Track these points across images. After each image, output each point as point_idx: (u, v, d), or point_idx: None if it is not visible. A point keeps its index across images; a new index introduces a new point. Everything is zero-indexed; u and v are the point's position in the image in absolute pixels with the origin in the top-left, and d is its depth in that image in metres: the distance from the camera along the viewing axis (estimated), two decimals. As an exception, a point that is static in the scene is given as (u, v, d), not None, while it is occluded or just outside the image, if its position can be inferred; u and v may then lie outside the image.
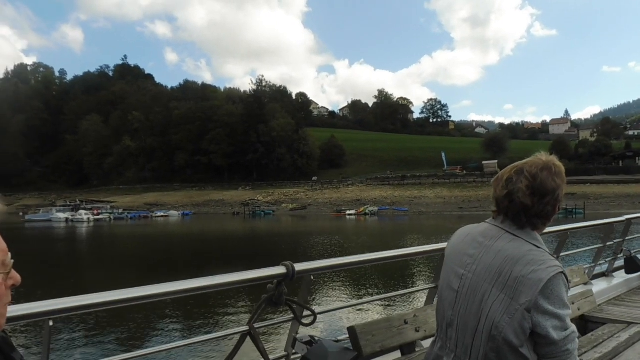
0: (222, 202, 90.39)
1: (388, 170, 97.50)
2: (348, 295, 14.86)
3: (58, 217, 68.77)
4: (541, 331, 1.51)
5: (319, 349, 2.04)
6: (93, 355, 9.88)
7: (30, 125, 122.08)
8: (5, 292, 0.89)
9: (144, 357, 1.96)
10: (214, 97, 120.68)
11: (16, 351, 1.03)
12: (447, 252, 1.84)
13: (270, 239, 36.13)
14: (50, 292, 14.34)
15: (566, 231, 4.26)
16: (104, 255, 31.18)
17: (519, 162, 1.70)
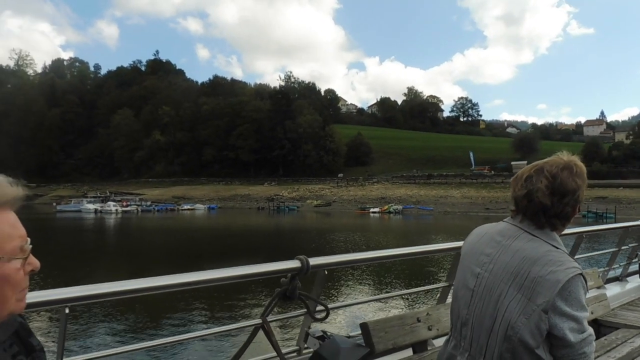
0: (247, 196, 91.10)
1: (414, 169, 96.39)
2: (361, 291, 14.81)
3: (87, 208, 70.65)
4: (558, 333, 1.50)
5: (331, 344, 2.01)
6: (108, 343, 10.07)
7: (65, 118, 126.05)
8: (23, 277, 0.91)
9: (158, 347, 1.84)
10: (242, 92, 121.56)
11: (33, 336, 1.05)
12: (464, 251, 1.83)
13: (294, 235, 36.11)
14: (67, 281, 14.57)
15: (581, 234, 4.16)
16: (126, 246, 31.73)
17: (540, 161, 1.68)
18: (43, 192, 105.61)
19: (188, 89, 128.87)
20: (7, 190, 0.89)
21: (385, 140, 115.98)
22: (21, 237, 0.91)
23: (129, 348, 2.17)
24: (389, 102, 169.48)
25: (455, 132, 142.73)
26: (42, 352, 1.05)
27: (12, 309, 0.90)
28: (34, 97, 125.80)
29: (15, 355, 0.98)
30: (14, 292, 0.89)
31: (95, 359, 1.88)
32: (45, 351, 1.07)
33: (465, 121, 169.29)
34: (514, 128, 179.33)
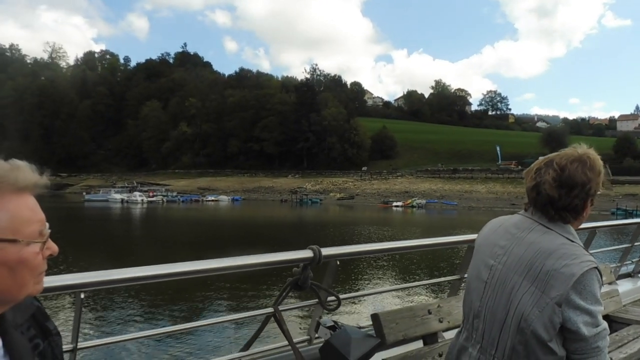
0: (271, 189, 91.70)
1: (439, 163, 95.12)
2: (372, 282, 14.76)
3: (114, 198, 72.29)
4: (571, 326, 1.50)
5: (342, 334, 2.00)
6: (121, 328, 10.20)
7: (95, 109, 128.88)
8: (42, 261, 0.92)
9: (171, 334, 1.86)
10: (267, 85, 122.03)
11: (50, 320, 1.07)
12: (478, 243, 1.83)
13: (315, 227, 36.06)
14: (85, 267, 14.80)
15: (594, 229, 4.10)
16: (147, 235, 32.21)
17: (553, 153, 1.67)
18: (74, 182, 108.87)
19: (214, 81, 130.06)
20: (28, 175, 0.90)
21: (410, 133, 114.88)
22: (40, 222, 0.93)
23: (142, 334, 2.31)
24: (416, 95, 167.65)
25: (483, 126, 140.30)
26: (58, 336, 1.08)
27: (30, 291, 0.92)
28: (66, 89, 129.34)
29: (32, 338, 1.00)
30: (33, 276, 0.91)
31: (110, 344, 1.92)
32: (61, 335, 1.09)
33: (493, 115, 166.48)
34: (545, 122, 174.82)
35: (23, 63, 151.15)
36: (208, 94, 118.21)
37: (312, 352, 2.22)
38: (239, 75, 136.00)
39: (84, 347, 1.77)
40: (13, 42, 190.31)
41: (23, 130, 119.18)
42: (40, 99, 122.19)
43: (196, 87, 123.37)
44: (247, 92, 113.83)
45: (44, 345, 1.02)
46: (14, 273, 0.87)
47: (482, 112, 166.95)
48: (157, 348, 8.60)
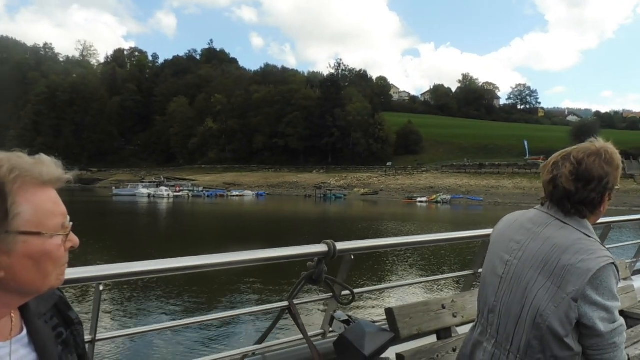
0: (295, 184, 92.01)
1: (465, 158, 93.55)
2: (386, 277, 14.74)
3: (142, 193, 73.48)
4: (587, 322, 1.49)
5: (356, 328, 2.03)
6: (139, 320, 10.35)
7: (124, 106, 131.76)
8: (64, 253, 0.95)
9: (187, 327, 1.86)
10: (292, 80, 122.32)
11: (72, 310, 1.10)
12: (493, 238, 1.83)
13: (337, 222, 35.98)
14: (103, 259, 15.13)
15: (609, 224, 4.02)
16: (170, 228, 32.75)
17: (571, 147, 1.66)
18: (104, 177, 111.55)
19: (240, 77, 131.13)
20: (51, 170, 0.92)
21: (436, 128, 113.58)
22: (62, 215, 0.95)
23: (159, 326, 2.33)
24: (443, 90, 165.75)
25: (512, 121, 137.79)
26: (80, 325, 1.11)
27: (53, 283, 0.95)
28: (96, 86, 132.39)
29: (55, 327, 1.03)
30: (56, 267, 0.93)
31: (128, 335, 1.95)
32: (82, 324, 1.12)
33: (523, 109, 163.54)
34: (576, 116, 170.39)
35: (56, 61, 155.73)
36: (234, 90, 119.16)
37: (327, 345, 2.23)
38: (264, 71, 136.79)
39: (103, 339, 1.79)
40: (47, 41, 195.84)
41: (55, 127, 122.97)
42: (71, 95, 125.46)
43: (222, 84, 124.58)
44: (272, 88, 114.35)
45: (66, 334, 1.05)
46: (38, 265, 0.90)
47: (510, 106, 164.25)
48: (173, 340, 8.71)
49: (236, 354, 2.16)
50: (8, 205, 0.85)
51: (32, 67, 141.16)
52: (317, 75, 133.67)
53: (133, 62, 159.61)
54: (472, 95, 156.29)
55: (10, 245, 0.86)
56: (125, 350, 8.05)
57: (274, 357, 2.24)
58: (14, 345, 0.93)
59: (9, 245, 0.86)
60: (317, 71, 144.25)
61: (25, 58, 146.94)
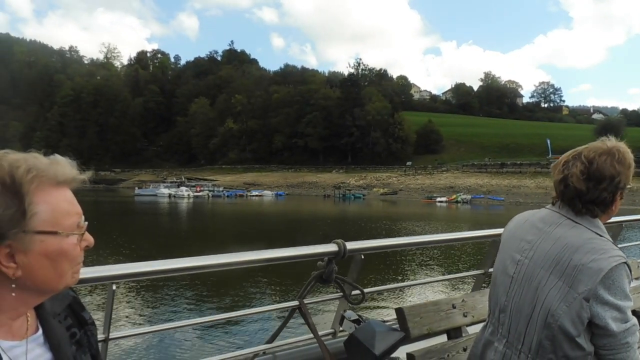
0: (315, 184, 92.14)
1: (487, 157, 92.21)
2: (396, 277, 14.68)
3: (162, 193, 74.48)
4: (599, 322, 1.48)
5: (366, 328, 2.03)
6: (152, 319, 10.45)
7: (147, 107, 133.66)
8: (80, 252, 0.96)
9: (198, 326, 1.87)
10: (312, 80, 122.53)
11: (86, 310, 1.11)
12: (504, 238, 1.83)
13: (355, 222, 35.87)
14: (117, 258, 15.37)
15: (620, 223, 3.96)
16: (187, 228, 33.12)
17: (582, 146, 1.66)
18: (127, 177, 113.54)
19: (260, 77, 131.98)
20: (67, 170, 0.93)
21: (457, 127, 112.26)
22: (78, 214, 0.96)
23: (170, 326, 2.38)
24: (464, 88, 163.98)
25: (535, 119, 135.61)
26: (94, 325, 1.12)
27: (68, 282, 0.96)
28: (119, 88, 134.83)
29: (69, 327, 1.05)
30: (71, 266, 0.95)
31: (140, 334, 1.97)
32: (96, 325, 1.13)
33: (546, 107, 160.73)
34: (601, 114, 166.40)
35: (81, 64, 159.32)
36: (253, 90, 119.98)
37: (337, 345, 2.22)
38: (284, 72, 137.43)
39: (116, 338, 1.80)
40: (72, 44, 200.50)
41: (80, 128, 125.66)
42: (95, 97, 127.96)
43: (242, 84, 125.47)
44: (292, 88, 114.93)
45: (80, 334, 1.07)
46: (54, 264, 0.91)
47: (533, 105, 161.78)
48: (184, 339, 8.79)
49: (247, 353, 2.16)
50: (26, 205, 0.86)
51: (58, 70, 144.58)
52: (337, 75, 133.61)
53: (155, 64, 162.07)
54: (494, 94, 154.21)
55: (27, 244, 0.87)
56: (138, 349, 8.13)
57: (284, 357, 2.25)
58: (29, 345, 0.95)
59: (27, 245, 0.87)
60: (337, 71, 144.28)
61: (52, 61, 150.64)
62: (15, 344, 0.92)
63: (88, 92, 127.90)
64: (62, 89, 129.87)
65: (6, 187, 0.85)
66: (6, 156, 0.89)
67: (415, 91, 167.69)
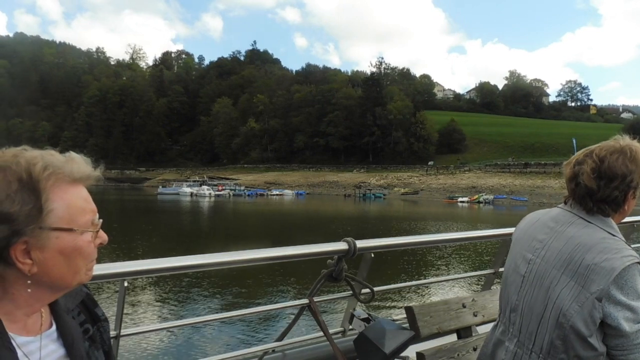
0: (335, 183, 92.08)
1: (510, 157, 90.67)
2: (406, 275, 14.64)
3: (185, 191, 75.50)
4: (612, 322, 1.46)
5: (376, 326, 2.03)
6: (163, 316, 10.53)
7: (171, 107, 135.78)
8: (94, 249, 0.97)
9: (208, 323, 1.89)
10: (333, 80, 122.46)
11: (99, 307, 1.13)
12: (515, 237, 1.82)
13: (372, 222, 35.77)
14: (132, 256, 15.63)
15: (632, 223, 3.86)
16: (205, 226, 33.48)
17: (594, 145, 1.64)
18: (151, 176, 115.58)
19: (282, 77, 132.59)
20: (82, 167, 0.94)
21: (481, 126, 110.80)
22: (93, 212, 0.96)
23: (182, 322, 2.40)
24: (489, 87, 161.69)
25: (561, 118, 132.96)
26: (106, 322, 1.13)
27: (82, 278, 0.97)
28: (144, 88, 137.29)
29: (82, 323, 1.06)
30: (85, 263, 0.96)
31: (151, 331, 2.00)
32: (109, 321, 1.14)
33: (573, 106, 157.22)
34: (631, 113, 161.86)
35: (107, 64, 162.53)
36: (275, 90, 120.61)
37: (347, 343, 2.23)
38: (306, 71, 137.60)
39: (127, 334, 1.83)
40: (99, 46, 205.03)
41: (106, 128, 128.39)
42: (121, 97, 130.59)
43: (264, 84, 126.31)
44: (313, 87, 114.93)
45: (93, 330, 1.08)
46: (69, 260, 0.92)
47: (560, 104, 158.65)
48: (194, 336, 8.85)
49: (257, 351, 2.18)
50: (42, 201, 0.87)
51: (86, 71, 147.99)
52: (359, 74, 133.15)
53: (180, 64, 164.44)
54: (520, 93, 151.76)
55: (44, 240, 0.88)
56: (149, 346, 8.19)
57: (294, 354, 2.27)
58: (43, 340, 0.96)
59: (43, 241, 0.88)
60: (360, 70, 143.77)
61: (80, 62, 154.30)
62: (30, 340, 0.93)
63: (114, 93, 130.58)
64: (89, 89, 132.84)
65: (23, 184, 0.86)
66: (23, 153, 0.90)
67: (438, 90, 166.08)
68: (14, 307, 0.92)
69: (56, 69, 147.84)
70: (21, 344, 0.91)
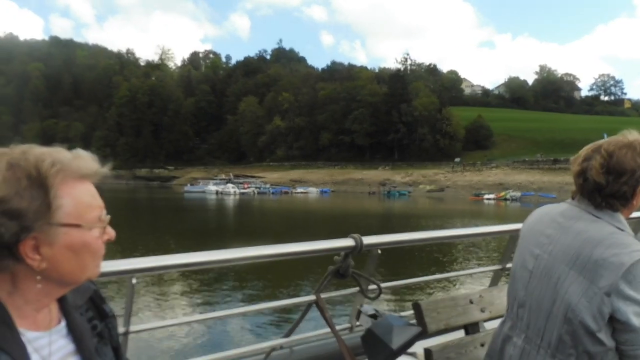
0: (360, 181, 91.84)
1: (539, 153, 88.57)
2: (413, 271, 14.67)
3: (210, 190, 76.64)
4: (621, 317, 1.45)
5: (383, 322, 2.00)
6: (171, 313, 10.65)
7: (198, 106, 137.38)
8: (102, 245, 0.98)
9: (215, 320, 1.98)
10: (358, 76, 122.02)
11: (106, 303, 1.13)
12: (523, 232, 1.81)
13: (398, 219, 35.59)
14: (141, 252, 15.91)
15: (638, 219, 3.76)
16: (222, 223, 33.85)
17: (602, 140, 1.63)
18: (180, 175, 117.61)
19: (307, 75, 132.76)
20: (89, 164, 0.95)
21: (509, 122, 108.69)
22: (100, 208, 0.97)
23: (190, 319, 2.46)
24: (518, 82, 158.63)
25: (594, 113, 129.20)
26: (114, 318, 1.14)
27: (90, 274, 0.98)
28: (173, 88, 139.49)
29: (90, 320, 1.07)
30: (93, 259, 0.96)
31: (159, 327, 2.05)
32: (116, 318, 1.15)
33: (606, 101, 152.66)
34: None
35: (137, 65, 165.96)
36: (300, 88, 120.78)
37: (354, 339, 2.24)
38: (331, 69, 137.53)
39: (136, 331, 1.83)
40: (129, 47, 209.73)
41: (136, 127, 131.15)
42: (150, 97, 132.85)
43: (289, 82, 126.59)
44: (338, 85, 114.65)
45: (101, 326, 1.09)
46: (77, 256, 0.93)
47: (592, 98, 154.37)
48: (202, 332, 8.94)
49: (264, 347, 2.20)
50: (51, 197, 0.88)
51: (116, 72, 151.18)
52: (386, 71, 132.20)
53: (207, 64, 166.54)
54: (550, 87, 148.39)
55: (52, 236, 0.89)
56: (157, 342, 8.28)
57: (301, 351, 2.30)
58: (53, 336, 0.96)
59: (52, 237, 0.89)
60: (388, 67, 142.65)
61: (110, 63, 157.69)
62: (40, 335, 0.94)
63: (143, 93, 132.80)
64: (119, 90, 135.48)
65: (32, 180, 0.87)
66: (32, 150, 0.90)
67: (466, 86, 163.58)
68: (24, 302, 0.92)
69: (88, 71, 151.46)
70: (31, 339, 0.92)
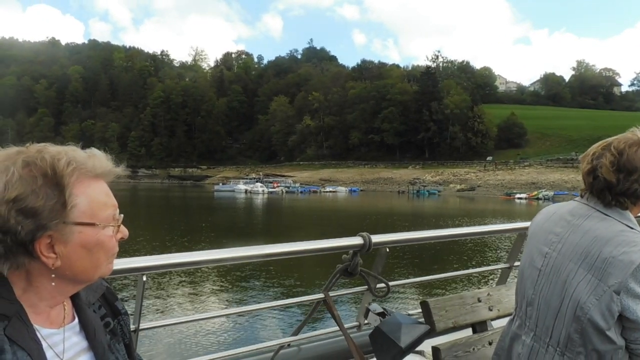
0: (390, 180, 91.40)
1: (574, 151, 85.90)
2: (421, 270, 14.58)
3: (239, 189, 77.85)
4: (630, 315, 1.45)
5: (392, 321, 2.03)
6: (181, 310, 10.85)
7: (230, 106, 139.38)
8: (115, 244, 0.99)
9: (225, 318, 2.12)
10: (389, 75, 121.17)
11: (119, 301, 1.15)
12: (532, 230, 1.81)
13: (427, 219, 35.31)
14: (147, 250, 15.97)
15: None
16: (246, 222, 34.26)
17: (612, 137, 1.62)
18: (212, 174, 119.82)
19: (337, 74, 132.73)
20: (103, 163, 0.96)
21: (544, 120, 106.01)
22: (114, 207, 0.98)
23: (199, 317, 2.49)
24: (554, 78, 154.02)
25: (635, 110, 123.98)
26: (127, 315, 1.16)
27: (103, 272, 0.99)
28: (205, 89, 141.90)
29: (103, 317, 1.09)
30: (107, 257, 0.98)
31: (169, 325, 2.11)
32: (129, 315, 1.17)
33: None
34: None
35: (171, 66, 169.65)
36: (330, 87, 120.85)
37: (362, 338, 2.25)
38: (361, 67, 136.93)
39: (146, 328, 1.84)
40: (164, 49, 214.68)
41: (170, 127, 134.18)
42: (183, 98, 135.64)
43: (319, 81, 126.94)
44: (368, 83, 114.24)
45: (113, 323, 1.10)
46: (91, 254, 0.94)
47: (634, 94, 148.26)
48: (211, 330, 9.07)
49: (272, 345, 2.20)
50: (66, 196, 0.89)
51: (151, 73, 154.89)
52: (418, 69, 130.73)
53: (240, 65, 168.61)
54: (588, 83, 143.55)
55: (67, 235, 0.90)
56: (167, 339, 8.42)
57: (309, 349, 2.31)
58: (67, 332, 0.98)
59: (66, 235, 0.90)
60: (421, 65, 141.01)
61: (146, 65, 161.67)
62: (54, 332, 0.96)
63: (177, 94, 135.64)
64: (154, 91, 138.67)
65: (48, 179, 0.88)
66: (47, 149, 0.92)
67: (500, 83, 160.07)
68: (38, 299, 0.94)
69: (124, 72, 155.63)
70: (46, 335, 0.93)
